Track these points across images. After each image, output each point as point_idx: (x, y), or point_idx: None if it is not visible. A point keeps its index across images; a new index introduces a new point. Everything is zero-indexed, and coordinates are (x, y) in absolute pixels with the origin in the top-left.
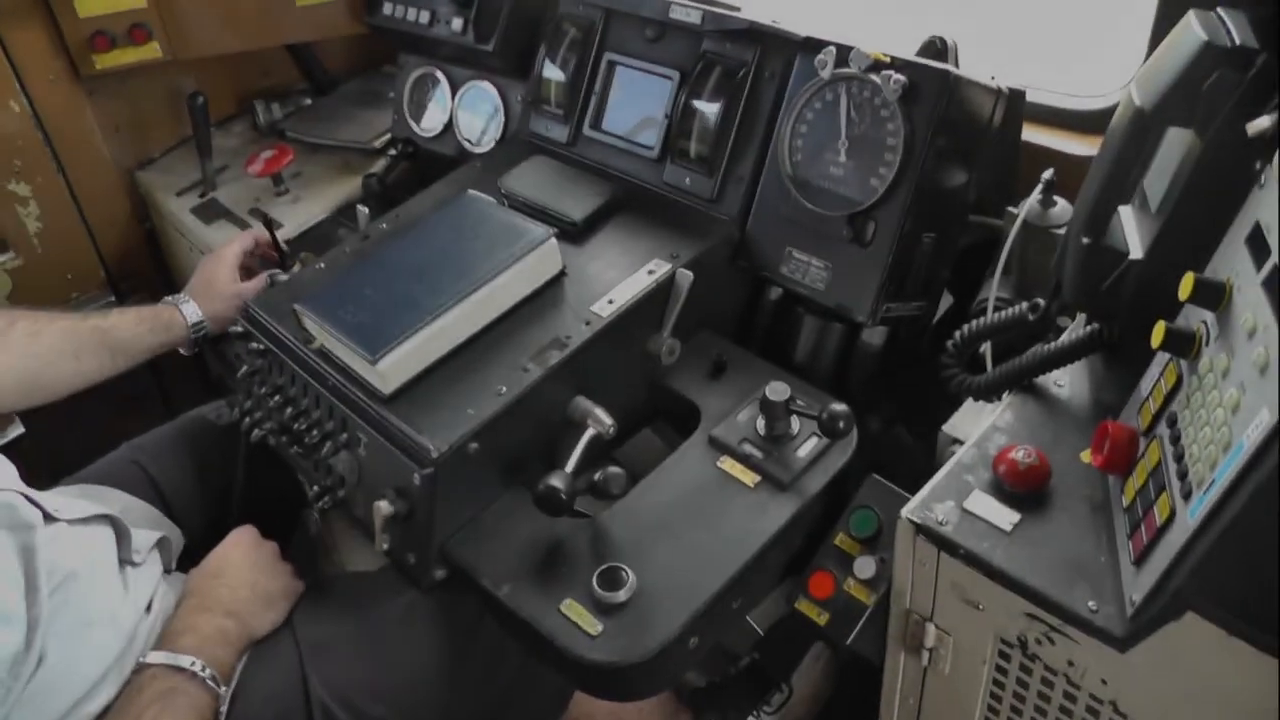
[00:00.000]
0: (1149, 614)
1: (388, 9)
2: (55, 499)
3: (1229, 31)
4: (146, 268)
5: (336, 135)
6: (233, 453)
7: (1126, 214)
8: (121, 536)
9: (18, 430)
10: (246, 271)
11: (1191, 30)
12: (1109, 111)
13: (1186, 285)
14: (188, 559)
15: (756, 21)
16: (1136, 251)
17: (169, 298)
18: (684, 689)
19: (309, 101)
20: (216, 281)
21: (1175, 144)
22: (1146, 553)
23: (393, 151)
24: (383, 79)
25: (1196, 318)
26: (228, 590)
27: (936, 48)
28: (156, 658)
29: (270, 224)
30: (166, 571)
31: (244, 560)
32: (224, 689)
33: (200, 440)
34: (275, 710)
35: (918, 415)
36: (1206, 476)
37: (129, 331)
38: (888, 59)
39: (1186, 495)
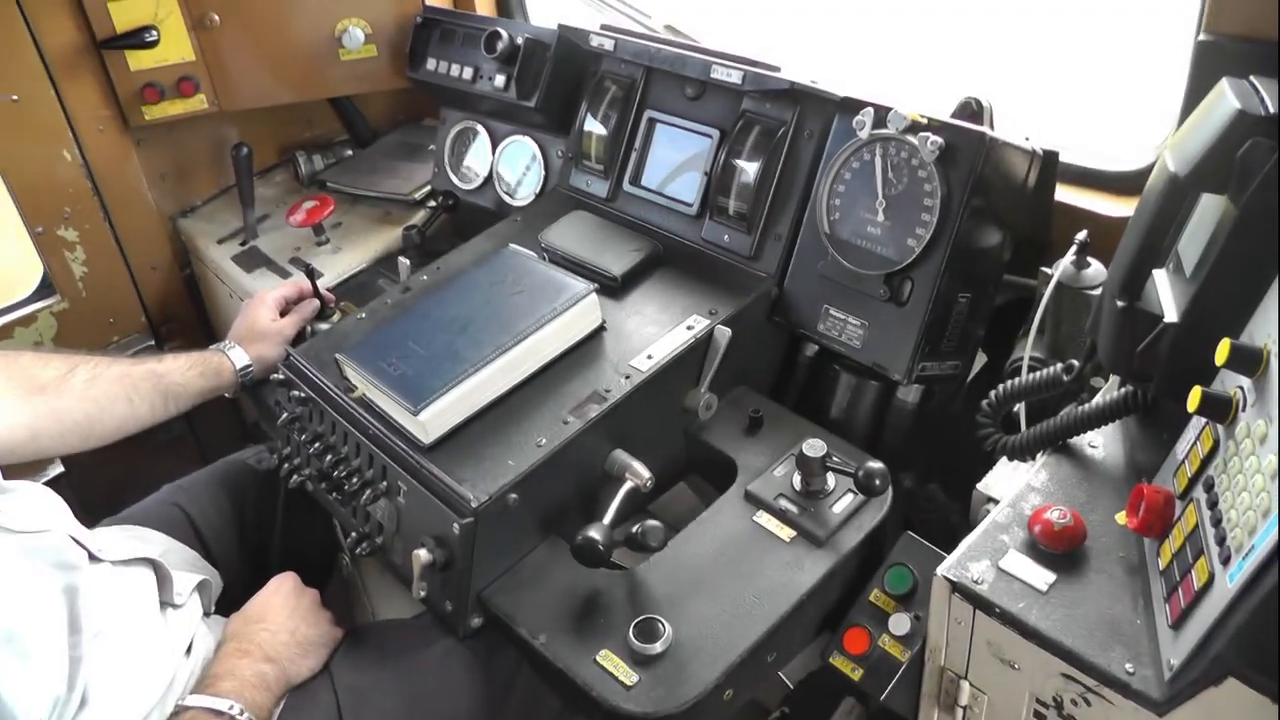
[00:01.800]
0: (1188, 678)
1: (431, 64)
2: (99, 539)
3: (1262, 100)
4: (186, 313)
5: (377, 187)
6: (271, 499)
7: (1161, 278)
8: (163, 579)
9: (57, 470)
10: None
11: (1225, 98)
12: (1141, 173)
13: (1223, 351)
14: (225, 602)
15: (796, 82)
16: (1171, 315)
17: (214, 345)
18: None
19: (350, 153)
20: (259, 322)
21: (1209, 210)
22: (1185, 616)
23: (432, 203)
24: (423, 132)
25: (1233, 383)
26: (268, 635)
27: (972, 109)
28: (196, 700)
29: (312, 273)
30: (206, 614)
31: (285, 606)
32: None
33: (239, 485)
34: None
35: (951, 473)
36: (1245, 542)
37: (181, 376)
38: (925, 120)
39: (1225, 560)
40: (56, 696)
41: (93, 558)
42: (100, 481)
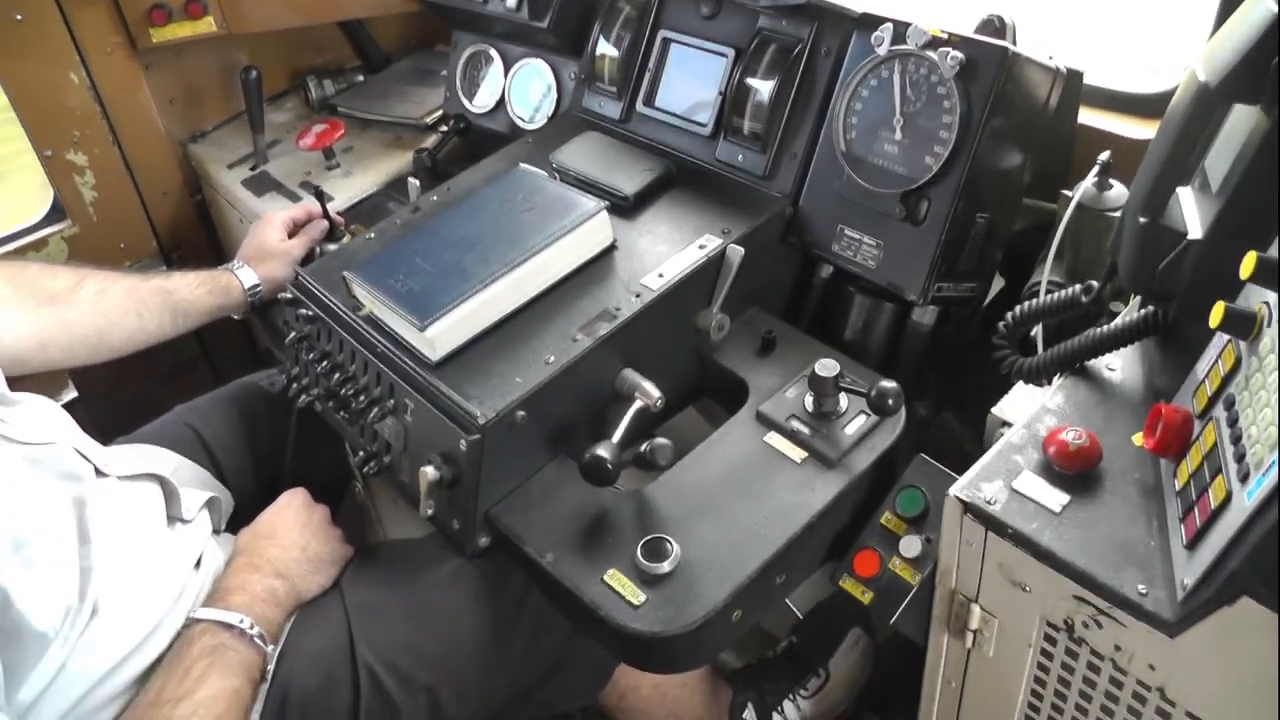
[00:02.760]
0: (1201, 598)
1: None
2: (106, 455)
3: None
4: (197, 238)
5: (388, 111)
6: (283, 419)
7: (1186, 194)
8: (170, 495)
9: (70, 394)
10: None
11: (1262, 3)
12: (1167, 95)
13: (1249, 264)
14: (237, 522)
15: None
16: (1196, 232)
17: (223, 265)
18: (722, 669)
19: (361, 79)
20: (267, 242)
21: (1240, 122)
22: (1200, 536)
23: (444, 128)
24: (435, 57)
25: (1257, 298)
26: (279, 551)
27: (994, 26)
28: (206, 614)
29: (321, 196)
30: (216, 532)
31: (295, 522)
32: (271, 648)
33: (252, 406)
34: (321, 671)
35: (966, 398)
36: (1266, 458)
37: (190, 293)
38: (945, 35)
39: (1244, 477)
40: (69, 605)
41: (99, 472)
42: (114, 406)
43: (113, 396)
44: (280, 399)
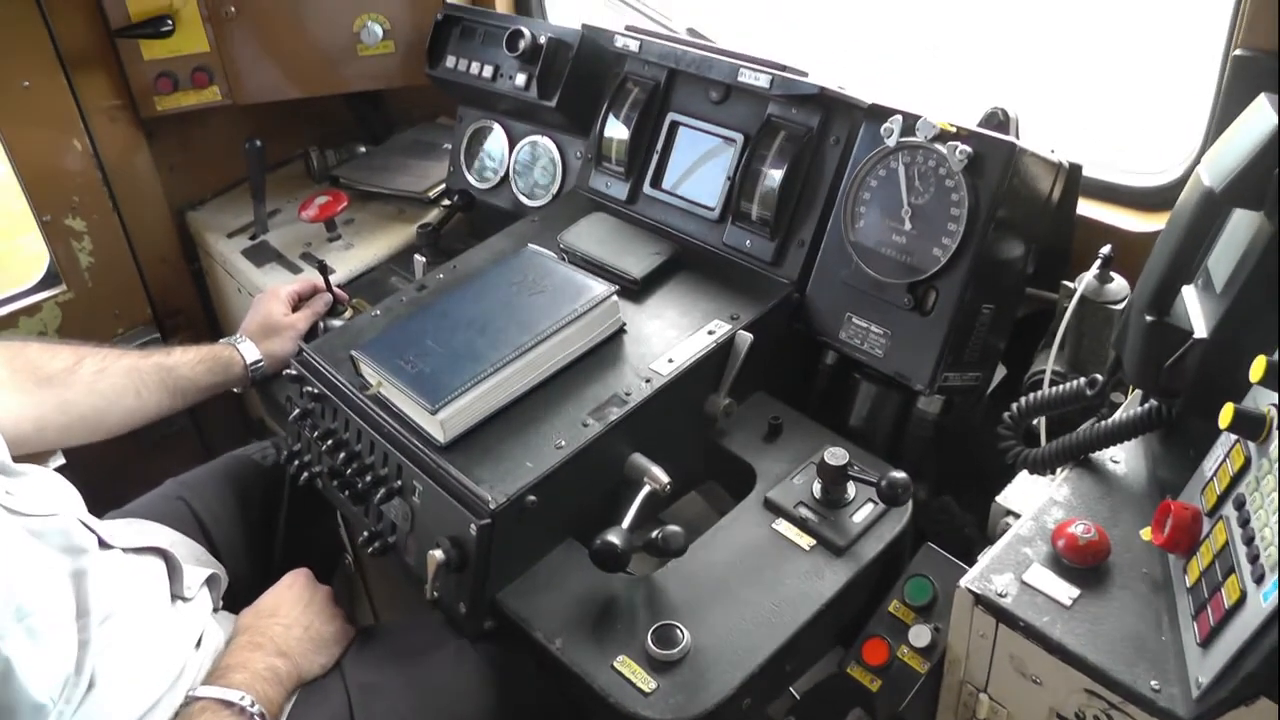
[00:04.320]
0: (1217, 696)
1: (450, 62)
2: (109, 527)
3: None
4: (192, 306)
5: (391, 184)
6: (276, 494)
7: (1190, 293)
8: (174, 571)
9: (58, 461)
10: None
11: (1264, 113)
12: (1164, 189)
13: (1258, 368)
14: (229, 598)
15: (825, 87)
16: (1201, 331)
17: (225, 339)
18: None
19: (363, 150)
20: (271, 317)
21: (1243, 225)
22: (1214, 634)
23: (447, 202)
24: (437, 130)
25: (1265, 400)
26: (281, 630)
27: (999, 119)
28: (207, 691)
29: (324, 269)
30: (214, 610)
31: (299, 601)
32: None
33: (244, 481)
34: None
35: (965, 485)
36: None
37: (189, 370)
38: (953, 129)
39: (1259, 579)
40: (66, 675)
41: (103, 544)
42: (101, 474)
43: (100, 465)
44: (272, 474)
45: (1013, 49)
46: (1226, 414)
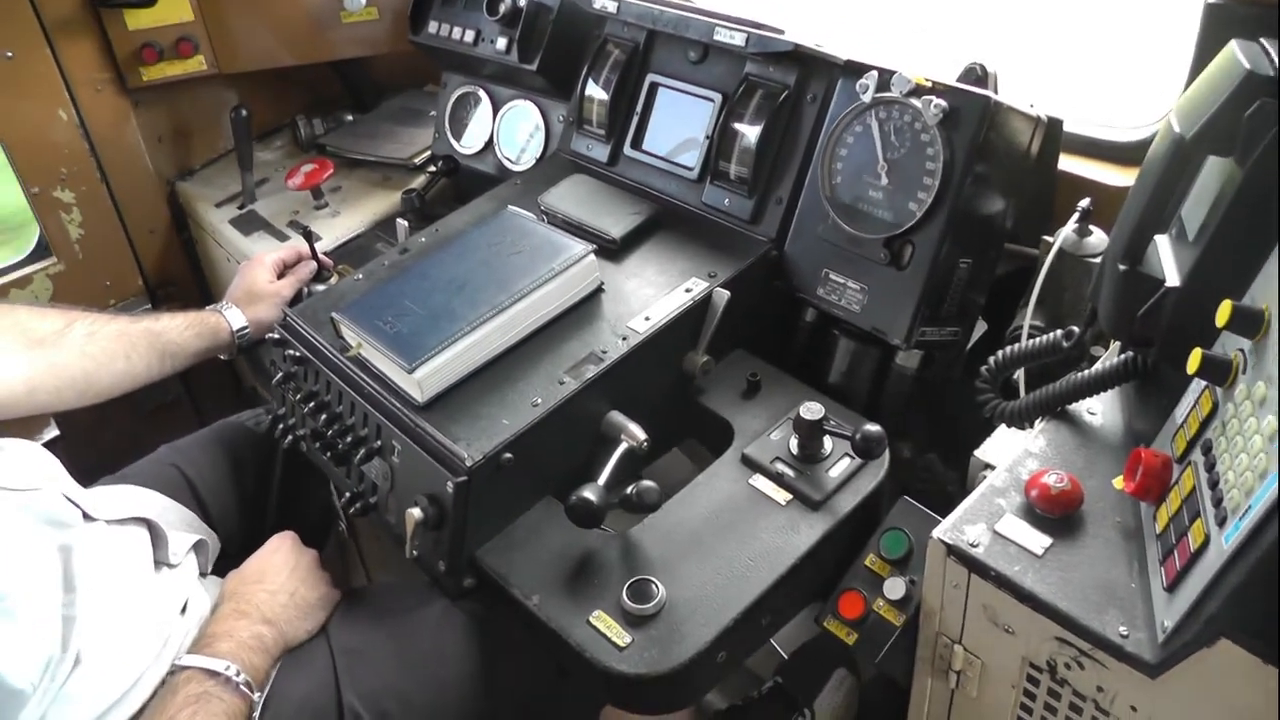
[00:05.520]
0: (1181, 640)
1: (433, 28)
2: (93, 498)
3: (1272, 61)
4: (183, 276)
5: (377, 151)
6: (269, 460)
7: (1163, 242)
8: (158, 539)
9: (53, 433)
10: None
11: (1234, 59)
12: (1145, 143)
13: (1224, 312)
14: (222, 563)
15: (800, 44)
16: (1173, 279)
17: (211, 306)
18: (707, 710)
19: (350, 118)
20: (256, 284)
21: (1214, 173)
22: (1179, 579)
23: (432, 168)
24: (424, 97)
25: (1233, 345)
26: (267, 596)
27: (977, 74)
28: (192, 660)
29: (309, 236)
30: (202, 575)
31: (284, 566)
32: (257, 695)
33: (237, 446)
34: (307, 716)
35: (950, 441)
36: (1242, 503)
37: (178, 335)
38: (929, 84)
39: (1221, 522)
40: (50, 656)
41: (87, 516)
42: (96, 445)
43: (95, 435)
44: (265, 439)
45: (1000, 25)
46: (1194, 360)
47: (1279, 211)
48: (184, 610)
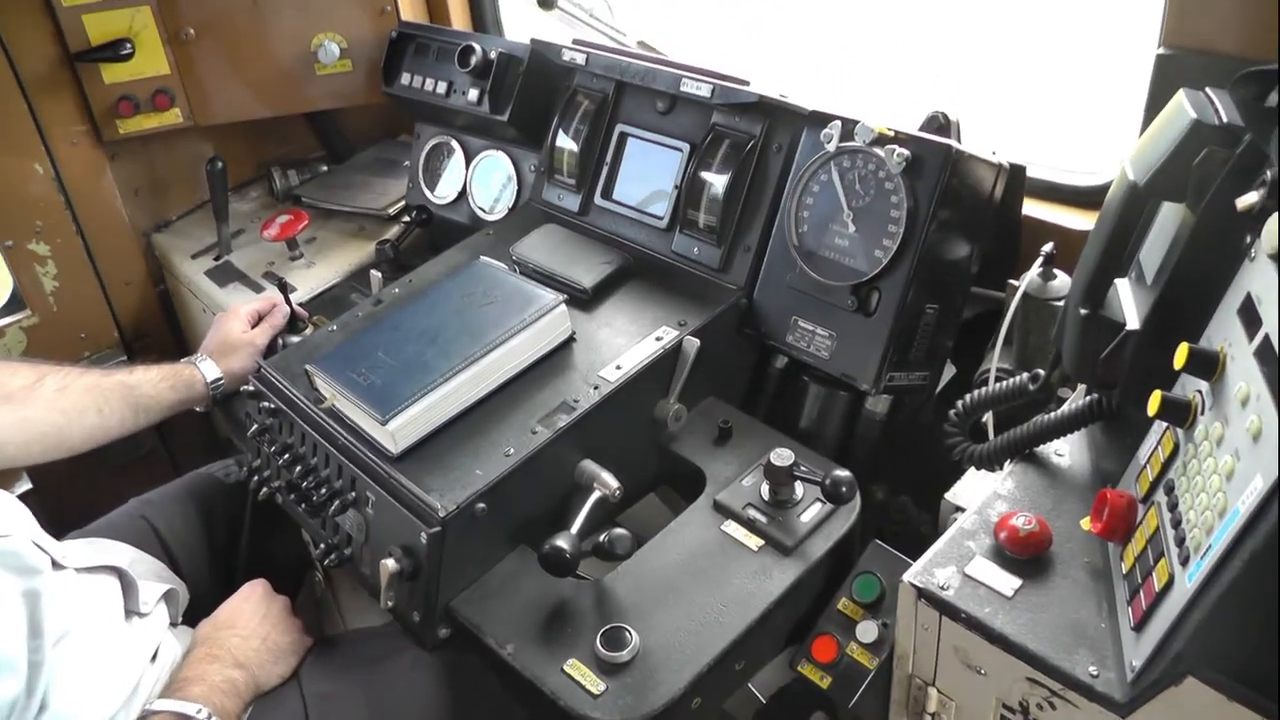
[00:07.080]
0: (1149, 679)
1: (405, 79)
2: (64, 547)
3: (1217, 110)
4: (159, 328)
5: (351, 202)
6: (240, 511)
7: (1123, 286)
8: (129, 588)
9: (25, 486)
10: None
11: (1182, 108)
12: (1104, 187)
13: (1181, 355)
14: (193, 613)
15: (765, 95)
16: (1133, 322)
17: (186, 358)
18: None
19: (325, 168)
20: (231, 335)
21: (1169, 217)
22: (1146, 618)
23: (406, 218)
24: (398, 148)
25: (1192, 387)
26: (239, 641)
27: (940, 123)
28: (164, 704)
29: (285, 288)
30: (173, 624)
31: (255, 613)
32: None
33: (208, 498)
34: None
35: (923, 483)
36: (1204, 542)
37: (152, 388)
38: (892, 133)
39: (1184, 561)
40: (14, 701)
41: (56, 564)
42: (70, 498)
43: (68, 488)
44: (236, 490)
45: (976, 47)
46: (1154, 402)
47: (1231, 254)
48: (154, 658)
